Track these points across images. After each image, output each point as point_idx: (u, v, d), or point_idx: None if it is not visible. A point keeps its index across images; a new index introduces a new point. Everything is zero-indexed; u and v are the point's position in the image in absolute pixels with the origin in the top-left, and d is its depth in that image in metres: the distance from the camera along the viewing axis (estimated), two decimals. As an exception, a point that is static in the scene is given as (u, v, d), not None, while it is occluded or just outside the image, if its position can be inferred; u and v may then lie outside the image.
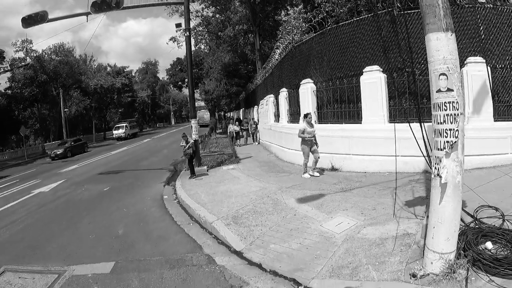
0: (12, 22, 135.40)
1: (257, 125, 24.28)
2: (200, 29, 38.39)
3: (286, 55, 16.05)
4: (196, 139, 14.86)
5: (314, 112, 12.55)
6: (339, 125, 11.44)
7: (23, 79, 41.09)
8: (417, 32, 10.18)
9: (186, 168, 14.43)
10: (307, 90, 12.74)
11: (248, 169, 13.55)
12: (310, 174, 10.79)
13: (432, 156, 4.24)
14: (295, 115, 14.32)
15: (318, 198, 8.06)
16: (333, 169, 11.02)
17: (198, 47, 47.21)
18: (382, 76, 10.42)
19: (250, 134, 24.58)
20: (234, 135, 24.09)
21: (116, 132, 49.49)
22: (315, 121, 12.28)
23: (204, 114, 60.54)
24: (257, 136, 23.55)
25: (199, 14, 37.21)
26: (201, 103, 64.54)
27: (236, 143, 23.80)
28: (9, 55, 45.28)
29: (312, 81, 12.81)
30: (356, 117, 11.06)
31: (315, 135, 10.74)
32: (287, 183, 10.17)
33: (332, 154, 11.06)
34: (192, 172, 13.29)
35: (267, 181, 10.80)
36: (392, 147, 8.43)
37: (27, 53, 43.70)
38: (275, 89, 18.08)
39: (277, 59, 17.92)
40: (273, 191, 9.34)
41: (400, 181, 8.23)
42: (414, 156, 8.22)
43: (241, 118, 31.95)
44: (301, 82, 13.29)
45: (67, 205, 11.61)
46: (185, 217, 8.66)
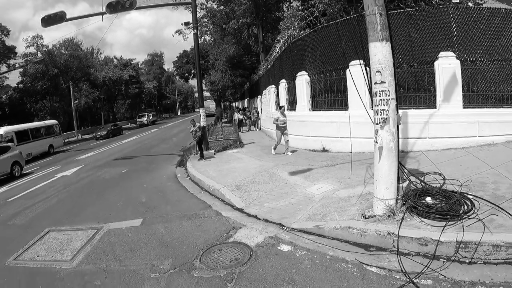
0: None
1: (259, 114, 26.28)
2: (205, 21, 39.21)
3: (285, 49, 17.58)
4: (204, 126, 16.57)
5: (309, 101, 14.23)
6: (329, 112, 13.05)
7: (35, 73, 42.95)
8: (391, 33, 11.81)
9: (195, 153, 16.12)
10: (302, 82, 14.35)
11: (251, 152, 15.25)
12: (283, 153, 13.49)
13: (373, 129, 5.92)
14: (294, 104, 15.87)
15: (306, 172, 9.80)
16: (324, 150, 12.67)
17: (204, 39, 48.24)
18: (364, 69, 12.03)
19: (253, 122, 26.59)
20: (238, 123, 26.06)
21: (140, 120, 59.25)
22: (309, 109, 14.01)
23: (210, 104, 62.27)
24: (259, 124, 25.67)
25: (204, 7, 37.95)
26: (207, 94, 66.12)
27: (241, 130, 25.75)
28: (19, 51, 47.05)
29: (307, 73, 14.39)
30: (344, 105, 12.66)
31: (286, 122, 13.45)
32: (283, 162, 11.89)
33: (323, 137, 12.68)
34: (201, 155, 15.03)
35: (266, 161, 12.53)
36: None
37: (38, 48, 45.57)
38: (276, 80, 19.63)
39: (278, 52, 19.45)
40: (270, 167, 11.07)
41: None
42: None
43: (245, 107, 33.78)
44: (297, 74, 14.88)
45: (92, 184, 13.31)
46: (197, 188, 10.42)
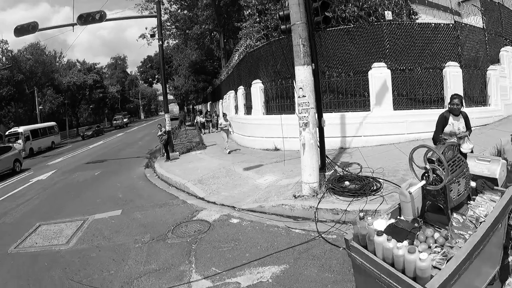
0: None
1: (218, 117, 28.37)
2: (168, 25, 39.97)
3: (243, 58, 19.41)
4: (169, 130, 18.22)
5: (262, 106, 16.13)
6: (280, 115, 14.96)
7: (0, 79, 43.06)
8: (332, 47, 13.98)
9: (161, 155, 17.83)
10: (257, 89, 16.24)
11: (212, 153, 17.05)
12: (228, 152, 16.11)
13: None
14: (250, 109, 17.76)
15: (258, 167, 11.74)
16: (276, 149, 14.60)
17: (167, 42, 48.79)
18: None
19: (214, 125, 28.56)
20: (201, 126, 27.94)
21: (115, 122, 65.84)
22: (263, 113, 15.95)
23: (174, 108, 63.61)
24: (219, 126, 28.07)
25: (168, 11, 38.56)
26: (170, 97, 67.58)
27: (203, 132, 27.63)
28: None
29: (261, 81, 16.27)
30: (292, 110, 14.56)
31: (229, 126, 16.59)
32: (239, 159, 13.80)
33: (275, 138, 14.55)
34: (168, 156, 16.71)
35: (225, 160, 14.37)
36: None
37: (3, 53, 45.59)
38: (235, 86, 21.43)
39: (237, 61, 21.30)
40: (228, 165, 12.93)
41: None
42: (333, 137, 12.45)
43: (208, 111, 35.59)
44: (252, 82, 16.75)
45: (69, 186, 14.70)
46: (165, 185, 12.13)
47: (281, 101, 15.28)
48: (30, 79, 46.76)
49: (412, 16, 16.63)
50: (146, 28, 56.54)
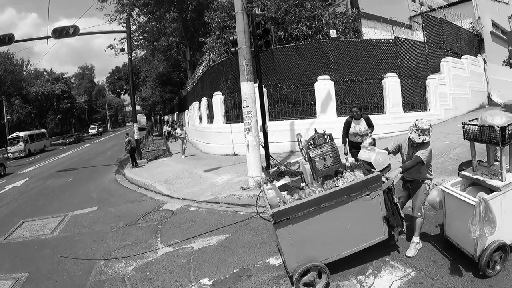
0: None
1: (183, 127, 30.05)
2: (136, 35, 40.24)
3: (206, 71, 21.06)
4: (138, 138, 19.70)
5: (223, 115, 17.83)
6: (237, 124, 16.35)
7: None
8: (283, 62, 15.93)
9: (129, 163, 19.25)
10: (218, 100, 17.92)
11: (177, 159, 18.60)
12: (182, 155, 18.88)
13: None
14: (212, 118, 19.40)
15: (216, 169, 13.47)
16: (235, 154, 16.23)
17: (135, 53, 49.05)
18: (264, 91, 15.83)
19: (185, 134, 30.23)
20: (167, 135, 29.41)
21: (91, 131, 72.47)
22: (223, 122, 17.65)
23: (141, 118, 64.65)
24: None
25: (136, 22, 38.67)
26: (138, 108, 68.76)
27: (169, 141, 29.11)
28: None
29: (221, 93, 17.96)
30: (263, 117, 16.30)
31: (185, 135, 19.34)
32: (201, 164, 15.45)
33: (234, 144, 16.09)
34: (135, 163, 18.17)
35: (189, 164, 15.97)
36: (272, 138, 13.86)
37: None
38: (199, 97, 22.95)
39: (201, 73, 22.94)
40: (191, 168, 14.58)
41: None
42: (284, 142, 14.31)
43: (174, 121, 37.04)
44: (214, 94, 18.40)
45: (45, 191, 15.82)
46: (135, 186, 13.65)
47: (239, 111, 16.94)
48: (-1, 89, 47.11)
49: (356, 34, 18.75)
50: (115, 39, 57.00)
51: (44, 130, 48.78)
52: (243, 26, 9.30)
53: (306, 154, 5.31)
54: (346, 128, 8.29)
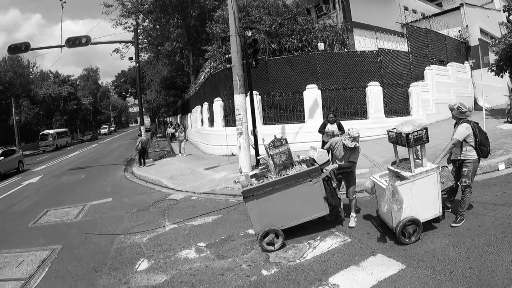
0: None
1: (186, 129, 32.06)
2: (141, 38, 40.73)
3: (208, 78, 22.92)
4: (145, 140, 21.67)
5: (222, 119, 19.69)
6: (233, 128, 18.11)
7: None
8: (276, 72, 17.78)
9: (137, 162, 21.20)
10: (218, 105, 19.82)
11: (181, 159, 20.56)
12: (182, 155, 21.13)
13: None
14: (213, 122, 21.29)
15: (216, 167, 15.43)
16: (233, 155, 18.09)
17: (140, 57, 50.19)
18: (258, 98, 17.72)
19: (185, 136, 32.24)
20: (171, 136, 31.33)
21: (103, 130, 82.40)
22: (223, 125, 19.51)
23: (145, 120, 66.47)
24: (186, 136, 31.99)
25: (141, 26, 39.53)
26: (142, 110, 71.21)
27: (173, 142, 31.05)
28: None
29: (221, 99, 19.84)
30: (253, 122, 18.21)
31: (184, 137, 21.26)
32: (202, 163, 17.37)
33: (232, 146, 17.79)
34: (144, 162, 20.08)
35: (191, 163, 17.90)
36: (266, 140, 15.73)
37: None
38: (201, 102, 24.81)
39: (203, 80, 24.83)
40: (193, 167, 16.51)
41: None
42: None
43: (177, 123, 39.01)
44: (214, 99, 20.30)
45: (61, 186, 17.77)
46: (143, 182, 15.62)
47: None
48: (8, 90, 49.13)
49: (343, 46, 20.56)
50: (120, 43, 58.91)
51: (67, 129, 59.61)
52: (236, 47, 11.27)
53: (267, 151, 7.28)
54: (323, 127, 10.94)
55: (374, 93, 17.38)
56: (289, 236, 6.77)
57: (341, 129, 10.75)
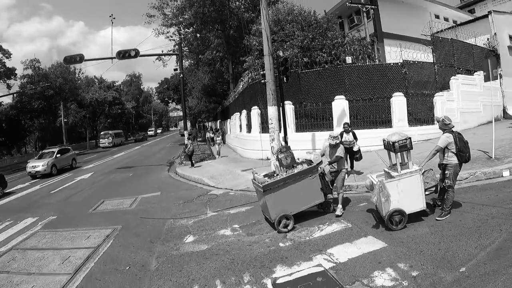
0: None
1: (223, 133, 35.01)
2: (180, 38, 42.48)
3: (246, 88, 24.96)
4: (187, 143, 24.04)
5: (259, 126, 21.70)
6: (267, 134, 20.17)
7: (33, 94, 49.73)
8: (307, 84, 19.62)
9: (180, 162, 23.59)
10: (255, 113, 21.89)
11: (220, 161, 22.84)
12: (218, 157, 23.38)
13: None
14: (250, 128, 23.40)
15: (251, 169, 17.19)
16: (267, 159, 20.01)
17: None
18: (292, 107, 19.60)
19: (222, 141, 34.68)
20: (210, 140, 33.73)
21: (150, 132, 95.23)
22: (259, 132, 21.51)
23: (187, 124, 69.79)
24: (224, 140, 34.66)
25: (182, 36, 41.27)
26: (182, 113, 74.72)
27: (212, 145, 33.44)
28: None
29: (258, 107, 21.86)
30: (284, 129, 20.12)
31: (221, 141, 23.71)
32: (240, 165, 19.48)
33: (267, 151, 19.47)
34: (192, 163, 22.40)
35: (230, 165, 20.06)
36: (298, 145, 17.65)
37: (36, 71, 52.35)
38: (240, 109, 26.97)
39: (241, 89, 26.94)
40: (231, 168, 18.65)
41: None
42: (307, 149, 17.53)
43: (217, 128, 41.44)
44: (252, 108, 22.37)
45: (112, 182, 20.40)
46: (186, 180, 17.94)
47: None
48: (58, 95, 53.37)
49: (369, 58, 22.18)
50: (162, 51, 61.83)
51: (120, 131, 70.36)
52: (269, 65, 13.32)
53: (276, 157, 9.36)
54: (341, 136, 12.54)
55: (398, 103, 18.65)
56: (303, 222, 8.81)
57: (355, 138, 12.80)
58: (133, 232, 9.92)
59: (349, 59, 19.68)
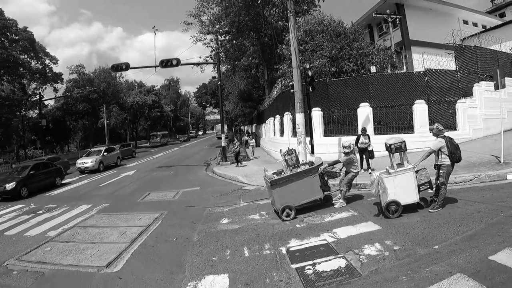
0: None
1: (257, 137, 38.00)
2: (218, 47, 44.68)
3: (279, 94, 27.05)
4: (224, 146, 26.39)
5: (290, 130, 23.65)
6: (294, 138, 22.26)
7: (79, 97, 53.61)
8: (335, 92, 21.42)
9: (216, 163, 25.93)
10: (287, 118, 23.86)
11: (254, 162, 25.10)
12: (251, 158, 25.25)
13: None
14: (283, 132, 25.41)
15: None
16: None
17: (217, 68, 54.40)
18: (320, 114, 21.47)
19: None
20: (246, 143, 36.00)
21: (191, 134, 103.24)
22: (291, 136, 23.44)
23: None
24: (258, 143, 37.51)
25: (219, 45, 43.57)
26: (218, 116, 78.63)
27: (246, 147, 35.67)
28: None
29: (290, 113, 23.70)
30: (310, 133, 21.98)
31: (254, 144, 26.08)
32: (272, 166, 21.08)
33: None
34: (238, 162, 24.58)
35: (262, 166, 21.63)
36: (325, 149, 19.55)
37: (81, 75, 56.35)
38: (274, 114, 29.12)
39: (275, 95, 29.08)
40: (263, 169, 20.39)
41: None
42: (334, 153, 19.44)
43: (253, 132, 43.69)
44: (285, 113, 24.36)
45: (154, 178, 22.91)
46: (222, 178, 20.25)
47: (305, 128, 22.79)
48: (102, 98, 57.27)
49: (393, 67, 23.69)
50: (200, 57, 64.23)
51: (167, 132, 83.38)
52: (297, 77, 15.37)
53: (283, 157, 11.38)
54: (358, 139, 15.11)
55: (420, 110, 19.77)
56: (318, 210, 10.89)
57: (369, 140, 15.08)
58: (178, 216, 12.26)
59: (373, 69, 21.33)
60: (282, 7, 31.56)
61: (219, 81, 26.97)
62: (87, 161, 30.01)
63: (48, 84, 52.66)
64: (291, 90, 16.44)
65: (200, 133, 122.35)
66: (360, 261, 6.96)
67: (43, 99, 52.95)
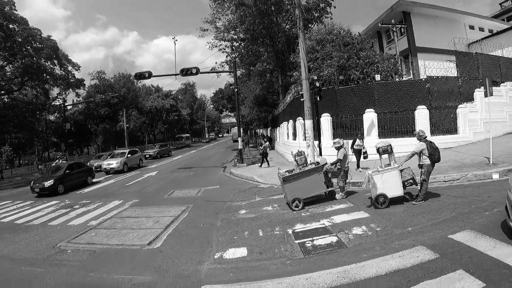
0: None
1: (271, 140, 40.15)
2: (233, 56, 46.38)
3: (292, 100, 28.93)
4: (241, 148, 28.80)
5: (302, 134, 25.65)
6: (305, 141, 24.39)
7: (100, 102, 56.66)
8: (343, 99, 23.55)
9: (233, 165, 28.34)
10: (299, 123, 25.87)
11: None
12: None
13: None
14: (295, 136, 27.57)
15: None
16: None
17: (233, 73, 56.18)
18: (329, 119, 23.67)
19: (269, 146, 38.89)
20: (259, 145, 38.36)
21: (210, 136, 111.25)
22: (303, 139, 25.49)
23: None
24: (273, 146, 39.73)
25: (235, 50, 45.81)
26: (233, 119, 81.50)
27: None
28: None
29: (302, 118, 25.44)
30: (317, 138, 24.06)
31: (269, 146, 26.85)
32: (285, 168, 23.34)
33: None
34: (265, 162, 26.73)
35: (276, 168, 24.10)
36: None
37: (102, 81, 59.45)
38: (287, 119, 31.24)
39: (288, 101, 31.10)
40: (276, 170, 22.72)
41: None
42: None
43: (268, 135, 45.90)
44: (297, 118, 26.39)
45: (176, 178, 25.35)
46: (240, 179, 22.61)
47: (315, 132, 24.87)
48: (122, 102, 60.31)
49: (397, 75, 25.68)
50: (216, 63, 66.13)
51: (188, 135, 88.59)
52: (306, 87, 17.72)
53: (294, 158, 13.73)
54: (354, 141, 17.54)
55: (421, 115, 21.32)
56: (321, 203, 13.13)
57: (363, 143, 17.78)
58: (202, 209, 14.66)
59: (378, 77, 23.35)
60: (294, 16, 33.41)
61: (236, 88, 29.34)
62: (113, 162, 33.09)
63: (71, 89, 55.29)
64: (301, 99, 18.74)
65: (220, 135, 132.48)
66: (348, 238, 9.13)
67: (67, 104, 56.16)
